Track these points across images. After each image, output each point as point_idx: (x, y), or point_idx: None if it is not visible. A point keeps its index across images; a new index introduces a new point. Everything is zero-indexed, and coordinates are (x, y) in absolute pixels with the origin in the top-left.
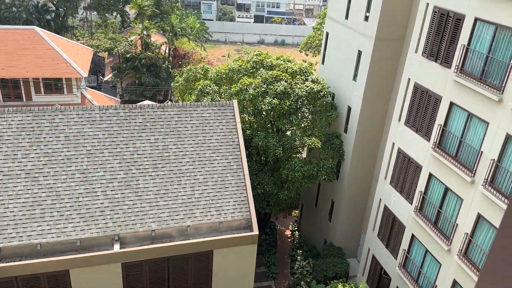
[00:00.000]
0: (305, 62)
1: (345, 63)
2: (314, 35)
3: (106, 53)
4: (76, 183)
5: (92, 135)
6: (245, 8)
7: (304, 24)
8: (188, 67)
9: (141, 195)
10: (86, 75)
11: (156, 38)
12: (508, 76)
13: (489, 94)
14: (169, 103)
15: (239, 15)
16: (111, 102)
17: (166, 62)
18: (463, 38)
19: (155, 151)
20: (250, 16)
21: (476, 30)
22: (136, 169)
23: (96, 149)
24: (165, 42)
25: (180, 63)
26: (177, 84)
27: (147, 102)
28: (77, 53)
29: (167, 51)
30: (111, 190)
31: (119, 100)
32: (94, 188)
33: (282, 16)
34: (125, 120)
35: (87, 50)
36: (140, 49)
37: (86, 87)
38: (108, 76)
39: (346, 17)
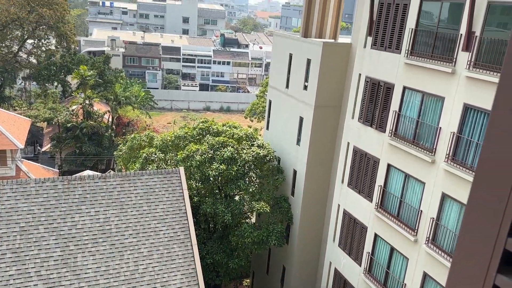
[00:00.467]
0: (250, 127)
1: (288, 129)
2: (257, 102)
3: (45, 123)
4: (7, 264)
5: (26, 211)
6: (190, 77)
7: (248, 91)
8: (133, 135)
9: (79, 274)
10: (22, 146)
11: (99, 107)
12: (437, 138)
13: (422, 155)
14: (112, 172)
15: (185, 84)
16: (49, 174)
17: (109, 130)
18: (394, 105)
19: (95, 225)
20: (195, 84)
21: (405, 97)
22: (74, 245)
23: (31, 226)
24: (109, 110)
25: (124, 131)
26: (121, 153)
27: (88, 172)
28: (14, 123)
29: (110, 119)
30: (46, 270)
31: (58, 171)
32: (27, 268)
33: (226, 85)
34: (63, 192)
35: (24, 120)
36: (82, 118)
37: (22, 159)
38: (46, 147)
39: (287, 86)
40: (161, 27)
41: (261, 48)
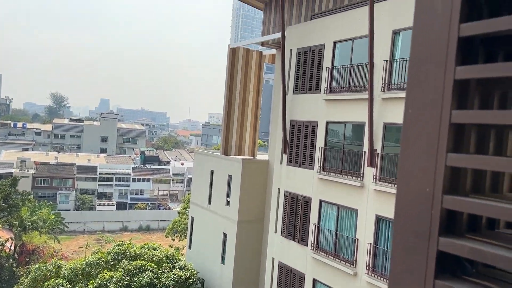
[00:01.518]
0: (171, 247)
1: (212, 247)
2: (179, 219)
3: None
4: None
5: None
6: (107, 196)
7: (170, 208)
8: (37, 264)
9: None
10: None
11: (1, 234)
12: (357, 250)
13: (345, 268)
14: None
15: (100, 204)
16: None
17: (11, 260)
18: (313, 218)
19: None
20: (112, 203)
21: (323, 210)
22: None
23: None
24: (11, 237)
25: (28, 260)
26: (22, 287)
27: None
28: None
29: (12, 247)
30: None
31: None
32: None
33: (146, 202)
34: None
35: None
36: None
37: None
38: None
39: (209, 202)
40: (77, 146)
41: (182, 164)
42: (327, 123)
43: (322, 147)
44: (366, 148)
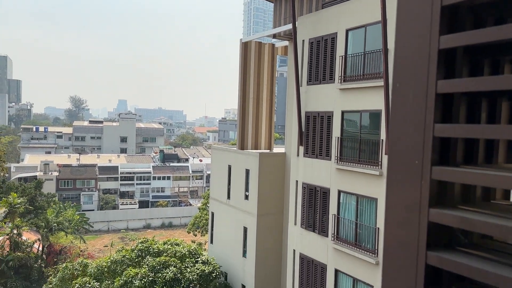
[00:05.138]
0: (194, 242)
1: (233, 240)
2: (200, 215)
3: None
4: None
5: None
6: (129, 195)
7: (190, 205)
8: (64, 264)
9: None
10: None
11: (28, 236)
12: (378, 239)
13: (366, 257)
14: None
15: (123, 202)
16: None
17: (39, 261)
18: (332, 208)
19: None
20: (135, 202)
21: (342, 200)
22: None
23: None
24: (39, 239)
25: (55, 260)
26: (50, 286)
27: None
28: None
29: (40, 248)
30: None
31: None
32: None
33: (167, 199)
34: None
35: None
36: (8, 250)
37: None
38: None
39: (228, 197)
40: (97, 148)
41: (201, 161)
42: (343, 112)
43: (338, 137)
44: (383, 136)
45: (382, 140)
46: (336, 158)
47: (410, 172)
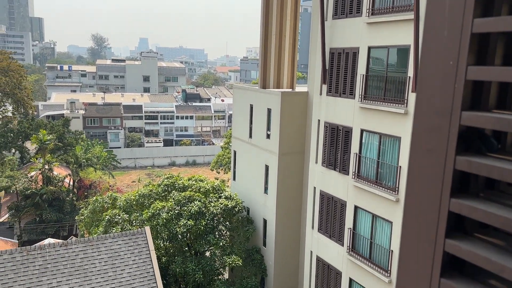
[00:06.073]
0: (217, 179)
1: (255, 178)
2: (223, 153)
3: (3, 192)
4: None
5: None
6: (154, 133)
7: (213, 144)
8: (95, 197)
9: None
10: None
11: (59, 171)
12: (399, 177)
13: (387, 195)
14: (74, 239)
15: (148, 141)
16: (7, 246)
17: (71, 194)
18: (354, 147)
19: None
20: (159, 140)
21: (364, 139)
22: None
23: None
24: (69, 174)
25: (86, 194)
26: (82, 217)
27: (49, 240)
28: None
29: (71, 183)
30: None
31: (17, 242)
32: None
33: (191, 138)
34: (22, 264)
35: None
36: (41, 184)
37: None
38: (4, 217)
39: (250, 136)
40: (121, 87)
41: (223, 101)
42: (369, 48)
43: (363, 75)
44: (410, 72)
45: (409, 77)
46: (360, 96)
47: (439, 115)
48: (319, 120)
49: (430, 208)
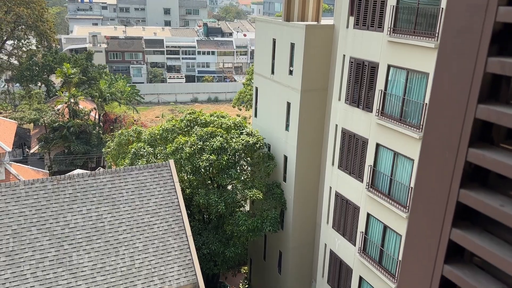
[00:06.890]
0: (239, 116)
1: (276, 115)
2: (244, 90)
3: (32, 124)
4: (2, 267)
5: (17, 213)
6: (176, 69)
7: (235, 80)
8: (120, 131)
9: (75, 273)
10: (10, 149)
11: (85, 105)
12: (424, 114)
13: (410, 132)
14: (101, 170)
15: (170, 76)
16: (39, 175)
17: (97, 128)
18: (379, 84)
19: (88, 223)
20: (181, 76)
21: (390, 75)
22: (69, 244)
23: (23, 228)
24: (94, 108)
25: (111, 127)
26: (109, 150)
27: (77, 171)
28: None
29: (97, 116)
30: (42, 271)
31: (48, 172)
32: (22, 271)
33: (212, 75)
34: (53, 193)
35: (10, 123)
36: (68, 117)
37: (11, 162)
38: (34, 148)
39: (272, 72)
40: (142, 20)
41: (245, 35)
42: None
43: (393, 6)
44: (443, 4)
45: (442, 8)
46: (389, 29)
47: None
48: (344, 55)
49: (439, 198)
